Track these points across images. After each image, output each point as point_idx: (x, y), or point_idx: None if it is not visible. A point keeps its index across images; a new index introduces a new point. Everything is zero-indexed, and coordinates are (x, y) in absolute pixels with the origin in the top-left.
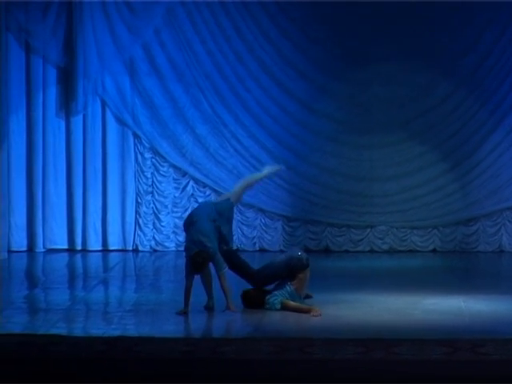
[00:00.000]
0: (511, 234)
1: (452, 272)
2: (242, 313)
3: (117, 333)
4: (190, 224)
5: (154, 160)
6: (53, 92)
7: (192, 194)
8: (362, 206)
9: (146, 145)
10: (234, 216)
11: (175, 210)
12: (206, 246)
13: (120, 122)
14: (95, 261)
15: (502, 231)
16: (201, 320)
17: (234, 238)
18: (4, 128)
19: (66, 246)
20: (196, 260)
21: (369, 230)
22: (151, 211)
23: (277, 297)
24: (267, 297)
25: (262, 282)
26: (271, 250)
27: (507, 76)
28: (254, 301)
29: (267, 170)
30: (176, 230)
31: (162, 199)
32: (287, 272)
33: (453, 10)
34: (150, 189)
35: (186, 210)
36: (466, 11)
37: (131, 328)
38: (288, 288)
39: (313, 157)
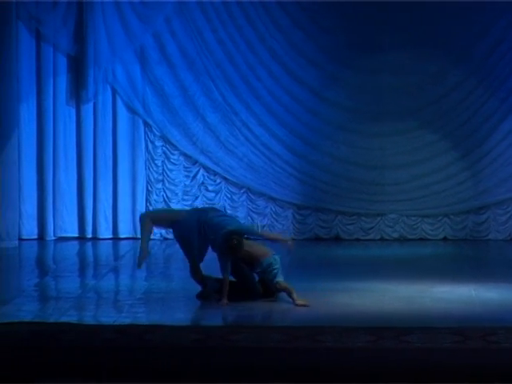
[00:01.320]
0: None
1: (463, 260)
2: (252, 302)
3: (127, 321)
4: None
5: (164, 148)
6: (63, 80)
7: (202, 183)
8: (372, 195)
9: (157, 133)
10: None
11: (186, 198)
12: (228, 229)
13: (130, 110)
14: (106, 249)
15: None
16: (211, 308)
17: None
18: (14, 116)
19: (76, 234)
20: (231, 244)
21: (379, 218)
22: (162, 199)
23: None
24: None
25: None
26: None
27: None
28: (266, 287)
29: (276, 235)
30: None
31: (172, 187)
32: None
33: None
34: (160, 177)
35: (197, 198)
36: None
37: (142, 316)
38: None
39: (323, 145)
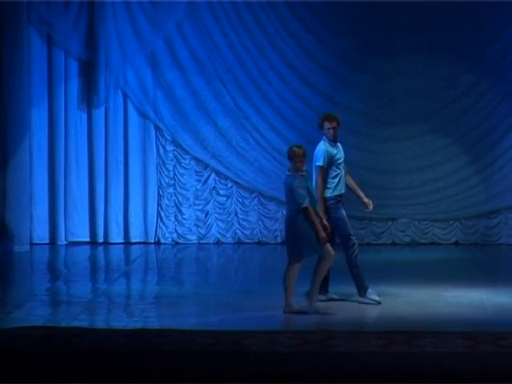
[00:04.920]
0: None
1: (474, 264)
2: (264, 306)
3: (138, 325)
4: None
5: (175, 152)
6: (75, 85)
7: (214, 187)
8: (383, 199)
9: (168, 137)
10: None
11: (197, 202)
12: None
13: (142, 114)
14: (117, 253)
15: None
16: (222, 312)
17: (256, 230)
18: (26, 121)
19: (87, 239)
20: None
21: (390, 222)
22: (173, 204)
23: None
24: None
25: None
26: None
27: None
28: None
29: None
30: (198, 222)
31: (183, 192)
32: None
33: (475, 4)
34: (171, 181)
35: (208, 202)
36: (489, 2)
37: (153, 320)
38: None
39: None
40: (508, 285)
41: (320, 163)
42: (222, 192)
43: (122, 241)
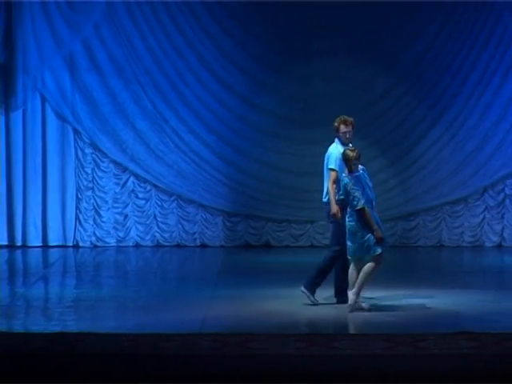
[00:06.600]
0: (451, 228)
1: (393, 267)
2: (183, 309)
3: (57, 329)
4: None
5: (94, 155)
6: None
7: (132, 190)
8: (302, 201)
9: (87, 140)
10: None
11: (116, 205)
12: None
13: (60, 117)
14: (35, 257)
15: (442, 226)
16: (141, 315)
17: (175, 233)
18: None
19: (5, 242)
20: None
21: (309, 225)
22: (91, 207)
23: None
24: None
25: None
26: (212, 245)
27: (446, 71)
28: None
29: None
30: (116, 225)
31: (102, 195)
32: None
33: (392, 7)
34: (90, 184)
35: (127, 205)
36: (405, 8)
37: (71, 324)
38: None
39: (253, 152)
40: (426, 287)
41: (332, 166)
42: (140, 195)
43: (40, 244)
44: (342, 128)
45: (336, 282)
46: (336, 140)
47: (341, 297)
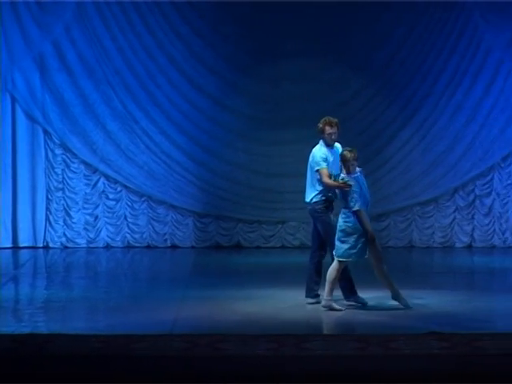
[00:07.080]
0: (421, 229)
1: (363, 267)
2: (153, 310)
3: (27, 330)
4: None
5: (64, 156)
6: None
7: (103, 191)
8: (273, 202)
9: (57, 141)
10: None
11: (86, 206)
12: None
13: (30, 118)
14: (5, 258)
15: (413, 226)
16: (112, 317)
17: (145, 234)
18: None
19: None
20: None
21: (280, 225)
22: (62, 208)
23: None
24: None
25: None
26: (183, 246)
27: (416, 72)
28: None
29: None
30: (87, 226)
31: (72, 196)
32: None
33: (362, 7)
34: (60, 185)
35: (97, 206)
36: (375, 8)
37: (41, 325)
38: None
39: (224, 153)
40: (397, 287)
41: (320, 167)
42: (111, 196)
43: (10, 245)
44: (328, 129)
45: (308, 281)
46: (320, 141)
47: (312, 296)
